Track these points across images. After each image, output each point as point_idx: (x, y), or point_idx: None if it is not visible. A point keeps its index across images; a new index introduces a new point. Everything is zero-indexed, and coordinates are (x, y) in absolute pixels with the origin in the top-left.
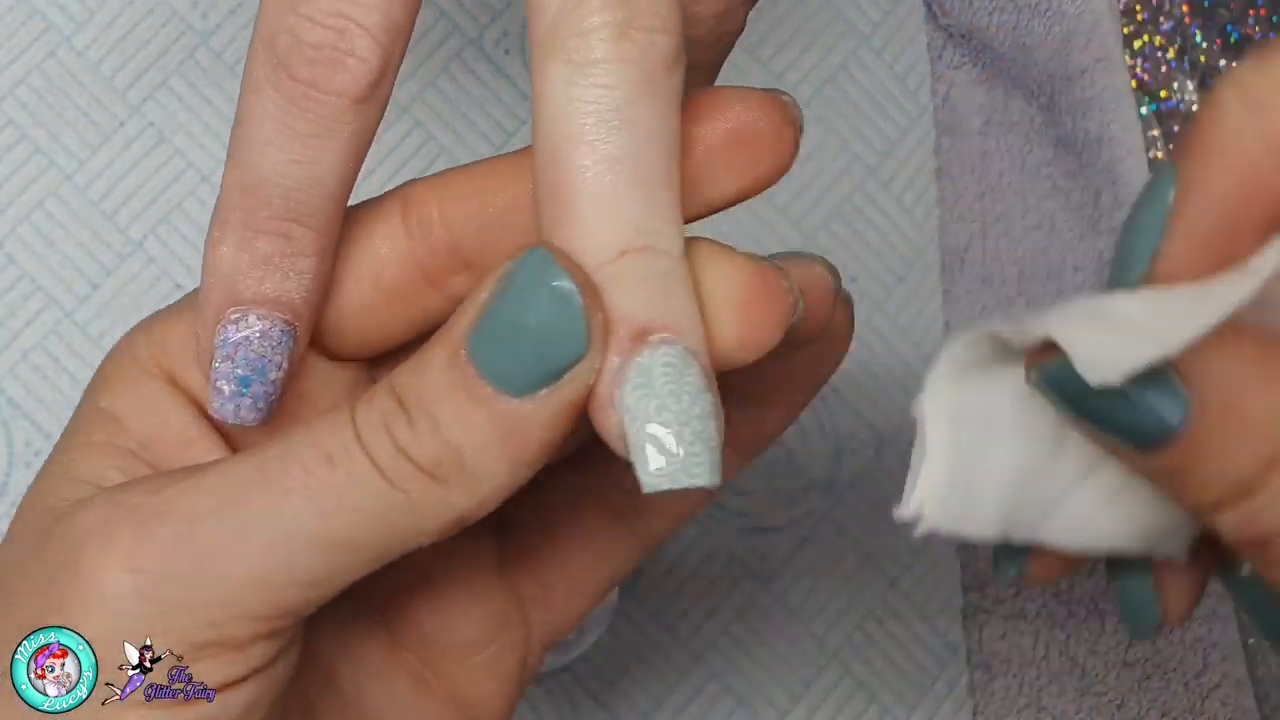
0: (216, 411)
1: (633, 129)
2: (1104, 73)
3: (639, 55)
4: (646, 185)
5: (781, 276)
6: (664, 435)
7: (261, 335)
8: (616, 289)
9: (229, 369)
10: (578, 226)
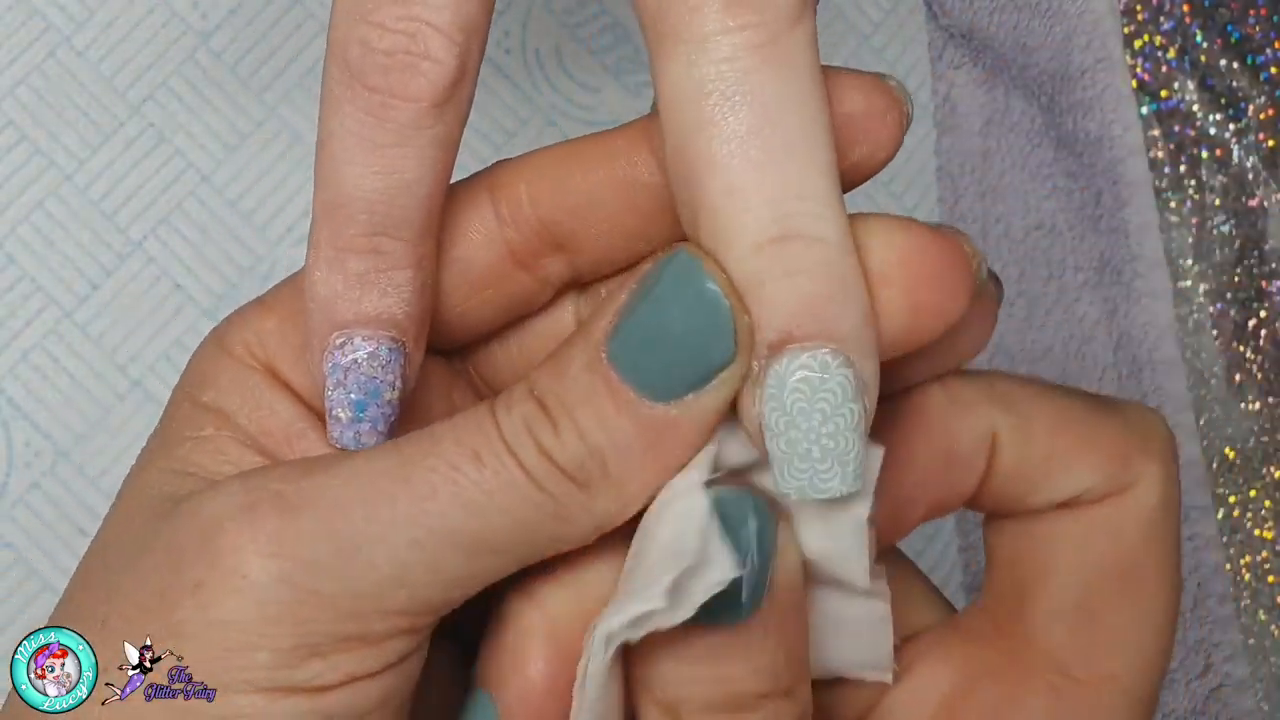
0: (336, 441)
1: (760, 101)
2: (1104, 73)
3: (754, 19)
4: (784, 163)
5: (963, 240)
6: (791, 451)
7: (370, 356)
8: (754, 290)
9: (343, 395)
10: (713, 221)
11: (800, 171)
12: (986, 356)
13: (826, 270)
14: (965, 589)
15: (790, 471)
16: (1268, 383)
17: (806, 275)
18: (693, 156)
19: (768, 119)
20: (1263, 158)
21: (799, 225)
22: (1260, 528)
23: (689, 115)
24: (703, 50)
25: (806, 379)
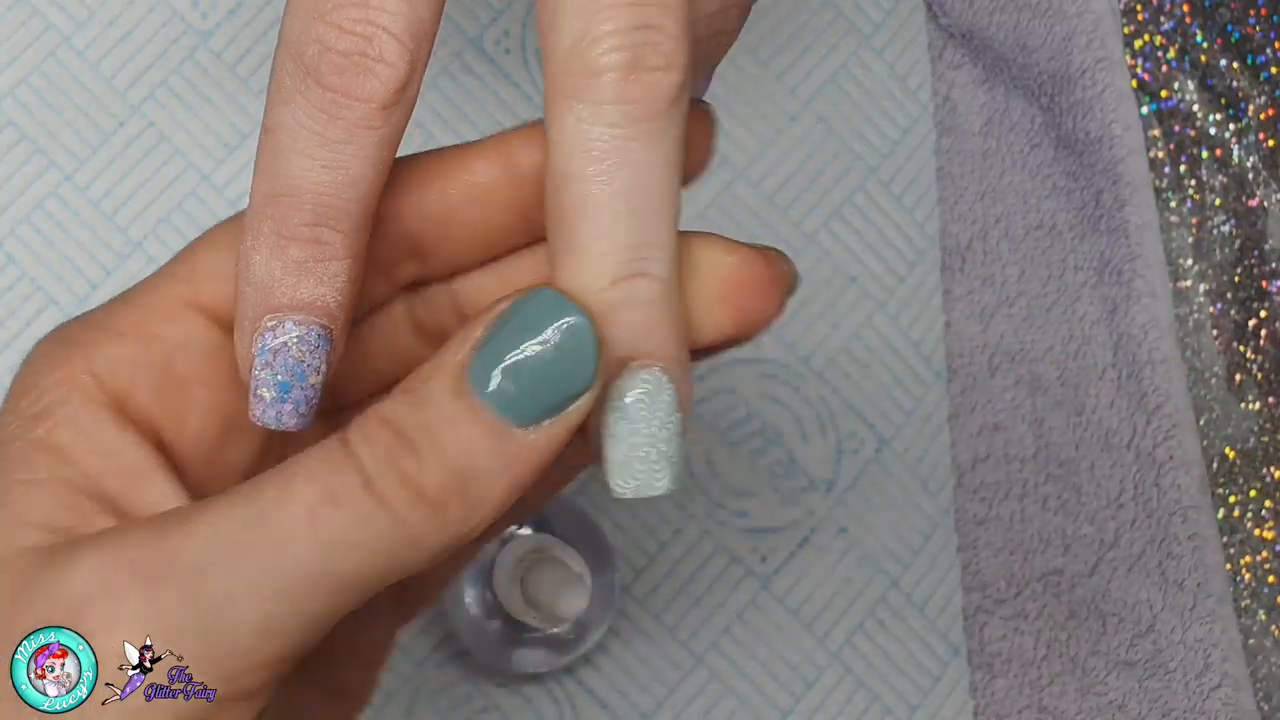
0: (258, 419)
1: (635, 166)
2: (1105, 72)
3: (643, 95)
4: (643, 216)
5: (781, 258)
6: (633, 455)
7: (299, 340)
8: (605, 317)
9: (269, 376)
10: (578, 255)
11: (654, 223)
12: (986, 355)
13: (665, 303)
14: (965, 588)
15: (629, 474)
16: (1268, 382)
17: (649, 307)
18: (569, 199)
19: (636, 180)
20: (1263, 158)
21: (647, 266)
22: (1260, 528)
23: (573, 164)
24: (596, 113)
25: (646, 392)
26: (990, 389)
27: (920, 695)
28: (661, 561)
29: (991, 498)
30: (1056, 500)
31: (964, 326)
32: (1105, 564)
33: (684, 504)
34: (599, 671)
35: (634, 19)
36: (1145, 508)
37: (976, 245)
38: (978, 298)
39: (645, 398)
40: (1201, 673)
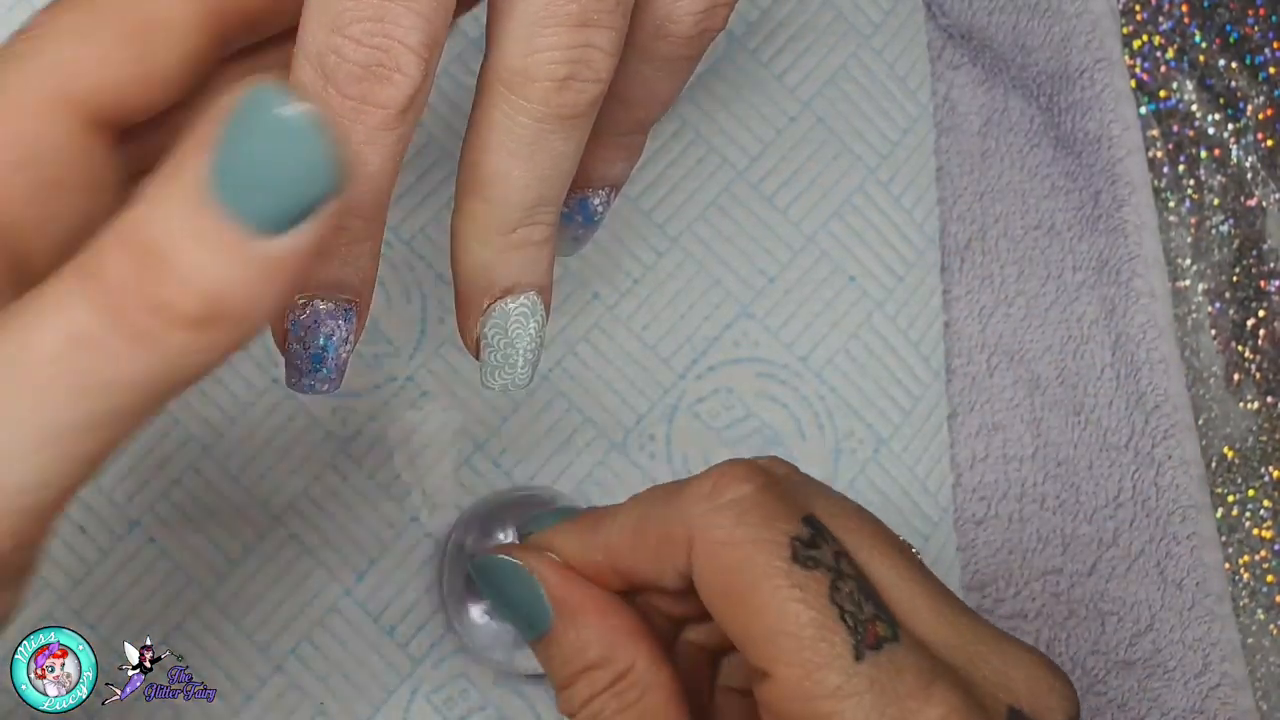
0: (294, 386)
1: (550, 151)
2: (1104, 72)
3: (570, 101)
4: (548, 184)
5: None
6: (506, 360)
7: (329, 316)
8: (503, 254)
9: (302, 350)
10: (489, 205)
11: (553, 189)
12: (985, 355)
13: (548, 245)
14: (965, 588)
15: (501, 374)
16: (1266, 382)
17: (538, 247)
18: (487, 165)
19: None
20: (1261, 157)
21: (541, 217)
22: (1259, 527)
23: (497, 140)
24: (525, 108)
25: (524, 311)
26: (989, 388)
27: None
28: None
29: (990, 497)
30: (1055, 500)
31: (963, 326)
32: (1104, 563)
33: None
34: None
35: (577, 39)
36: (1144, 507)
37: (975, 245)
38: (976, 297)
39: (522, 319)
40: (1200, 672)
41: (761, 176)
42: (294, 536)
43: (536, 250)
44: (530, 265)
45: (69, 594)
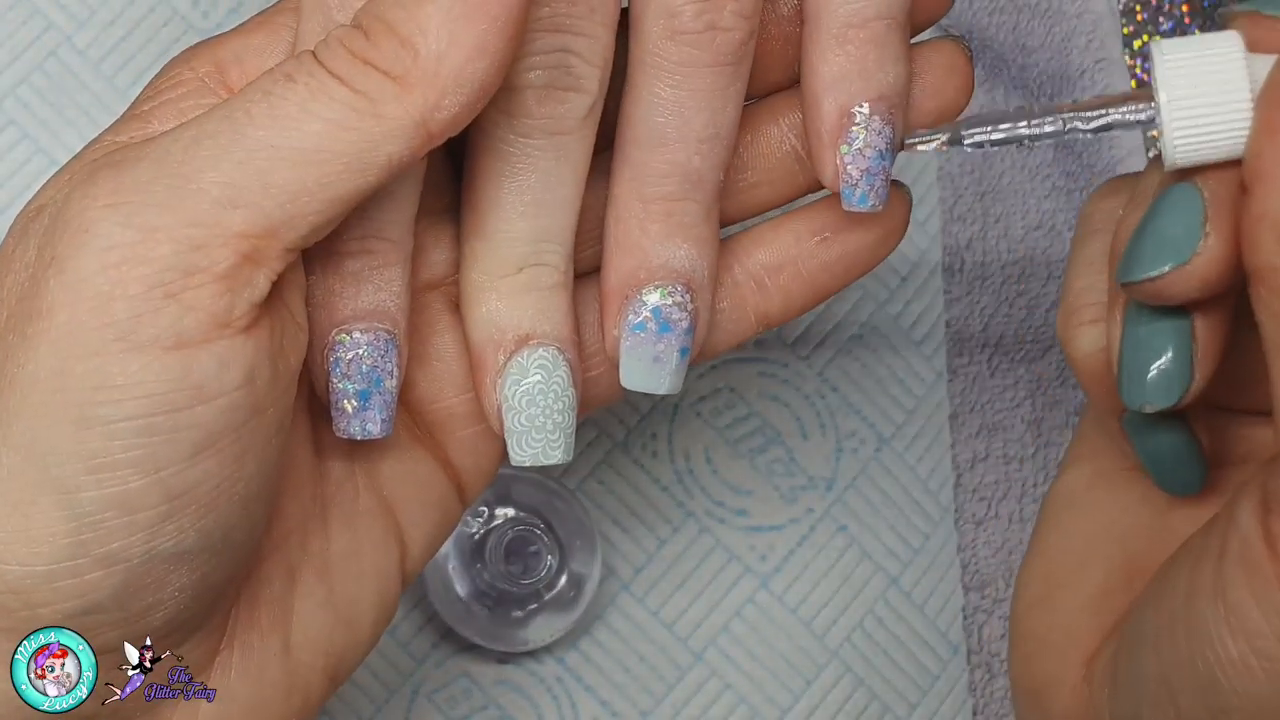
0: (343, 431)
1: (541, 173)
2: (1104, 73)
3: (554, 113)
4: (546, 216)
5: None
6: (530, 425)
7: (369, 347)
8: (509, 300)
9: (347, 386)
10: (488, 241)
11: (554, 222)
12: (986, 355)
13: (562, 289)
14: (965, 588)
15: (527, 442)
16: None
17: (549, 292)
18: (481, 192)
19: (542, 184)
20: None
21: (544, 258)
22: None
23: (486, 163)
24: (510, 123)
25: (543, 369)
26: (990, 388)
27: (919, 694)
28: (660, 559)
29: (991, 497)
30: None
31: (964, 326)
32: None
33: (683, 502)
34: (598, 669)
35: (554, 44)
36: None
37: (976, 245)
38: (978, 298)
39: (543, 374)
40: None
41: None
42: None
43: (550, 296)
44: (544, 312)
45: None
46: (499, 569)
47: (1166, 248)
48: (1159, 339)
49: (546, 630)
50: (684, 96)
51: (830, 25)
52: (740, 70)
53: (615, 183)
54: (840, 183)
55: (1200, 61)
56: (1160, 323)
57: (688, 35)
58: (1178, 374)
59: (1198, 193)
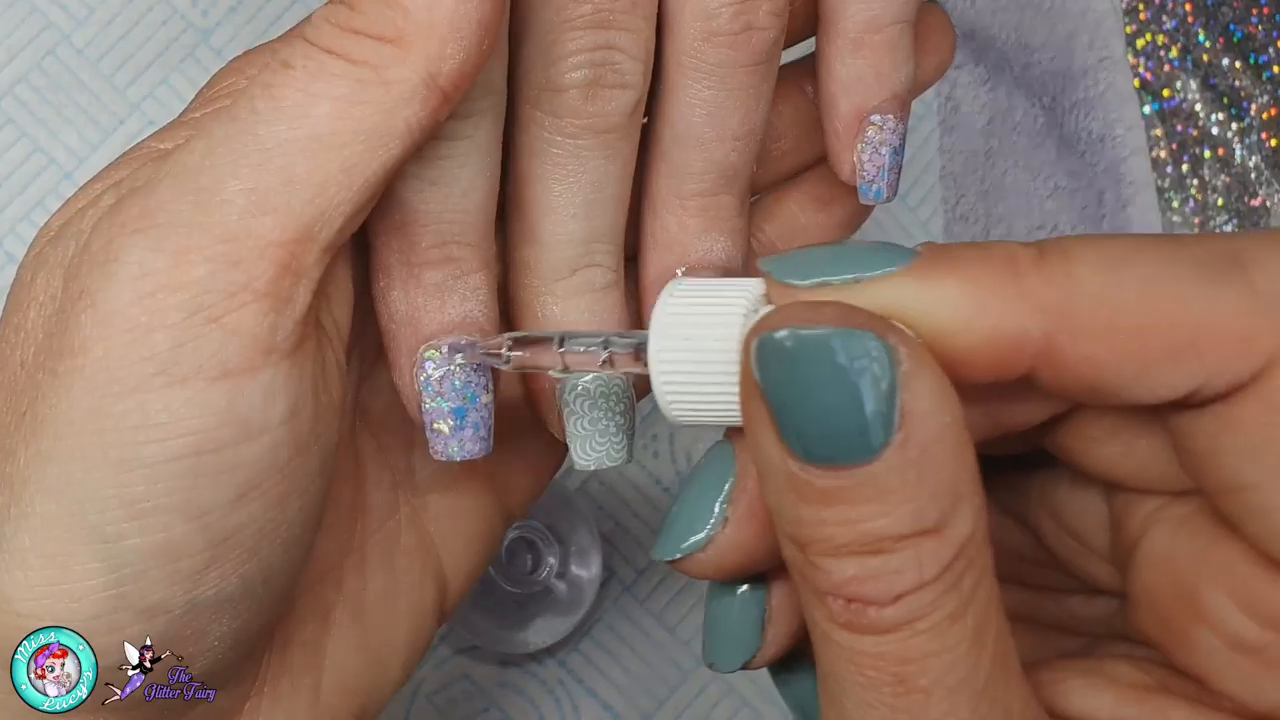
0: (441, 454)
1: (591, 173)
2: (1107, 72)
3: (600, 111)
4: (597, 216)
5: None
6: (594, 429)
7: (461, 362)
8: (564, 301)
9: (441, 405)
10: (540, 246)
11: (605, 222)
12: None
13: (615, 289)
14: None
15: (592, 446)
16: None
17: (603, 293)
18: (532, 196)
19: (592, 184)
20: (1265, 157)
21: (598, 257)
22: None
23: (536, 166)
24: (557, 124)
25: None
26: None
27: None
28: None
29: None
30: None
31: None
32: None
33: None
34: (601, 672)
35: (598, 40)
36: None
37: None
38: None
39: (603, 376)
40: None
41: None
42: None
43: (605, 296)
44: (602, 314)
45: None
46: (500, 570)
47: (685, 525)
48: (723, 606)
49: (547, 632)
50: (721, 96)
51: (848, 30)
52: (773, 66)
53: (652, 179)
54: (858, 179)
55: (700, 311)
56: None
57: (725, 37)
58: (739, 644)
59: (732, 460)
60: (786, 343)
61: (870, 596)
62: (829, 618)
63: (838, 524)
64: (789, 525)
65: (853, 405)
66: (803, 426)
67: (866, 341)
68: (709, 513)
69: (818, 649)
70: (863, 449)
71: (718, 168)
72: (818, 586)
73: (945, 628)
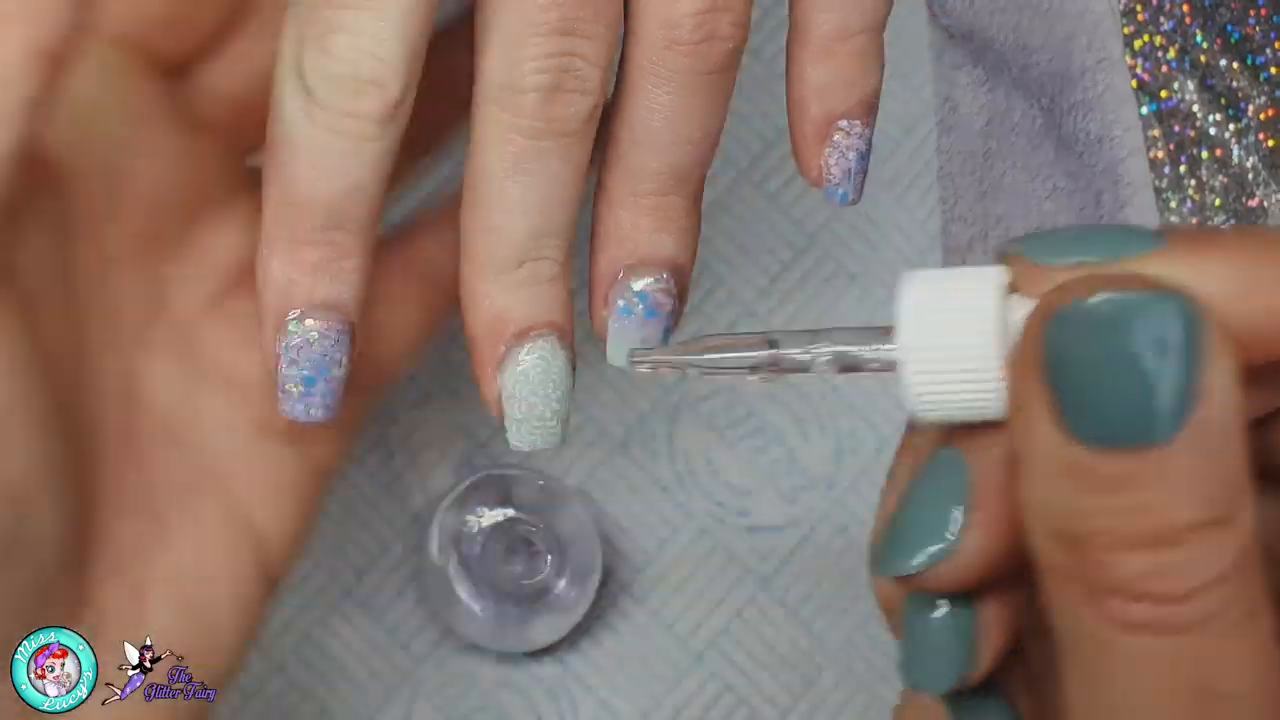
0: (287, 413)
1: (547, 172)
2: (1105, 73)
3: (560, 114)
4: (549, 214)
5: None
6: (531, 414)
7: (320, 335)
8: (511, 292)
9: (295, 372)
10: (491, 237)
11: (556, 217)
12: None
13: (561, 281)
14: None
15: (527, 430)
16: None
17: (550, 284)
18: (487, 190)
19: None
20: (1263, 158)
21: (545, 252)
22: None
23: (493, 162)
24: (517, 124)
25: (543, 357)
26: None
27: None
28: (660, 559)
29: None
30: None
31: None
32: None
33: (683, 502)
34: (598, 669)
35: (559, 47)
36: None
37: (977, 245)
38: None
39: (542, 362)
40: None
41: (764, 176)
42: None
43: (549, 289)
44: (545, 303)
45: None
46: (499, 569)
47: (922, 536)
48: (929, 621)
49: (546, 631)
50: (679, 102)
51: (817, 37)
52: (733, 74)
53: (608, 176)
54: (824, 182)
55: (948, 302)
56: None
57: (686, 45)
58: (953, 660)
59: (963, 464)
60: (1086, 315)
61: (1165, 592)
62: (1111, 620)
63: (1124, 513)
64: (1061, 520)
65: (1150, 381)
66: (1093, 406)
67: (1170, 312)
68: (947, 520)
69: (1083, 665)
70: (1157, 429)
71: (671, 169)
72: (1099, 585)
73: (1245, 625)
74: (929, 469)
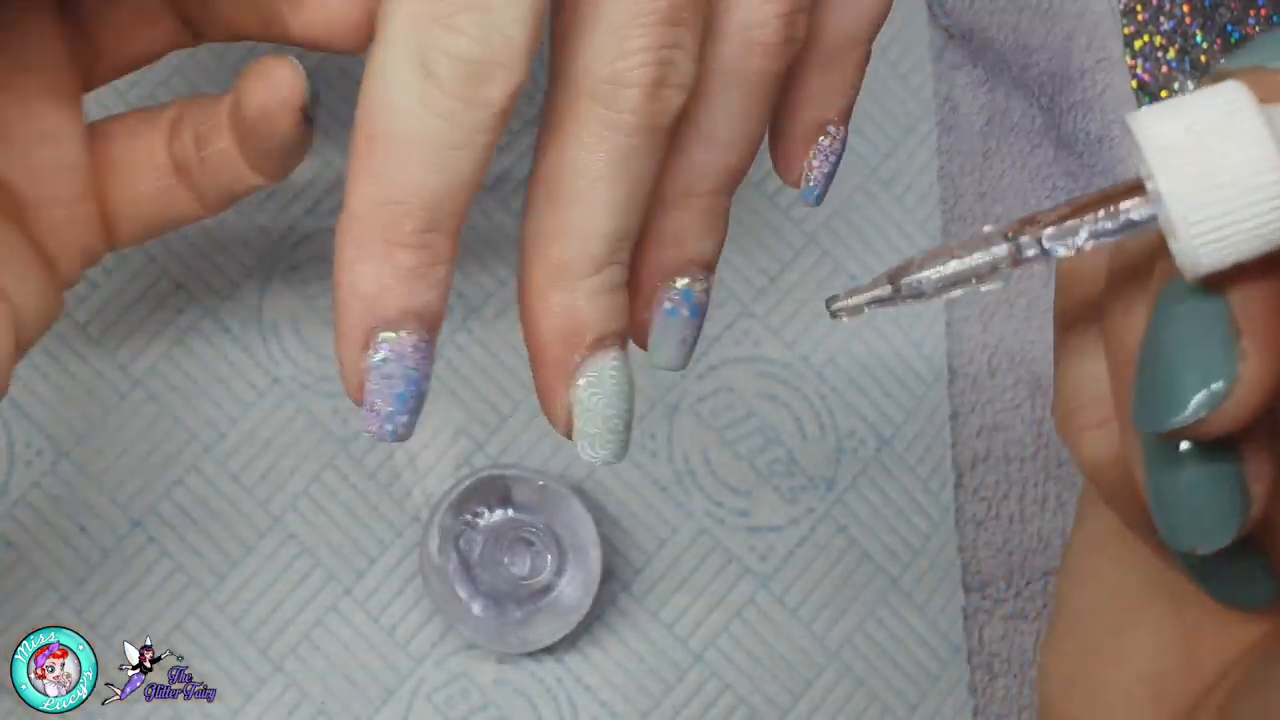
0: (374, 434)
1: (636, 171)
2: (1105, 73)
3: (658, 110)
4: (633, 215)
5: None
6: (605, 426)
7: (415, 350)
8: (590, 299)
9: (387, 388)
10: (573, 240)
11: (634, 220)
12: (986, 355)
13: (625, 289)
14: (965, 588)
15: (601, 443)
16: None
17: (621, 291)
18: (572, 186)
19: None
20: None
21: (620, 256)
22: None
23: (585, 158)
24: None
25: (617, 369)
26: (990, 389)
27: (920, 695)
28: (660, 559)
29: (991, 498)
30: (1056, 500)
31: (964, 327)
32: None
33: (683, 502)
34: (597, 669)
35: (666, 38)
36: None
37: None
38: (978, 298)
39: (617, 369)
40: None
41: (763, 175)
42: (294, 536)
43: (621, 295)
44: (618, 310)
45: (71, 594)
46: (499, 569)
47: (1193, 381)
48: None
49: (546, 631)
50: (749, 104)
51: (826, 47)
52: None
53: (665, 175)
54: (803, 183)
55: (1201, 131)
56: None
57: (767, 47)
58: (1228, 509)
59: (1220, 301)
60: None
61: None
62: None
63: None
64: None
65: None
66: None
67: None
68: (1221, 358)
69: None
70: None
71: (729, 171)
72: None
73: None
74: (1180, 312)
